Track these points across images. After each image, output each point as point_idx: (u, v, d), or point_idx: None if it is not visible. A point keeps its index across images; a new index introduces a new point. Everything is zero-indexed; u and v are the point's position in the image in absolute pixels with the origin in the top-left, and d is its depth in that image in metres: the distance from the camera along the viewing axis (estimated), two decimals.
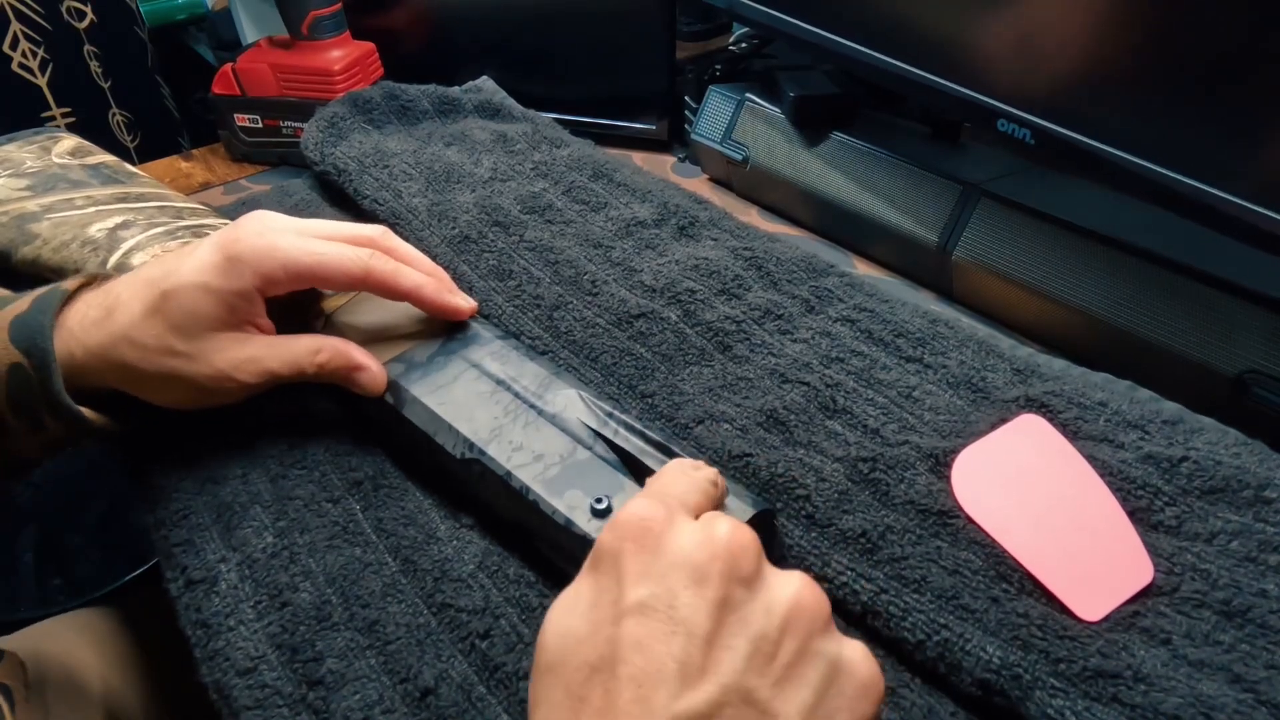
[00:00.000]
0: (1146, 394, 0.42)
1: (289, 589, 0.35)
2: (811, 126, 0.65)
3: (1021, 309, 0.54)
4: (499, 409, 0.39)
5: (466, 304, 0.43)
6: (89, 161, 0.59)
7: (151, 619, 0.55)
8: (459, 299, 0.43)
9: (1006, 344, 0.46)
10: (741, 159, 0.68)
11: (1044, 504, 0.36)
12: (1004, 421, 0.40)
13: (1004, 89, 0.51)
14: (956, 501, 0.36)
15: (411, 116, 0.69)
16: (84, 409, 0.37)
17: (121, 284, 0.38)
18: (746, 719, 0.24)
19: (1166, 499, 0.36)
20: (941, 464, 0.38)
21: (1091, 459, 0.38)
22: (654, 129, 0.78)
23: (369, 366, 0.40)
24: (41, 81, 1.04)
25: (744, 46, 0.85)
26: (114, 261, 0.49)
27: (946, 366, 0.44)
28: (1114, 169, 0.46)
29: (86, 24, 1.06)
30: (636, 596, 0.25)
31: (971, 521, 0.36)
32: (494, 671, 0.32)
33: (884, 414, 0.42)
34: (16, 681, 0.43)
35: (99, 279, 0.40)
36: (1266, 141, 0.41)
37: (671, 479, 0.30)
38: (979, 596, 0.33)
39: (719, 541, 0.26)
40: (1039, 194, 0.54)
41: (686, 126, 0.77)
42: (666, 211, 0.57)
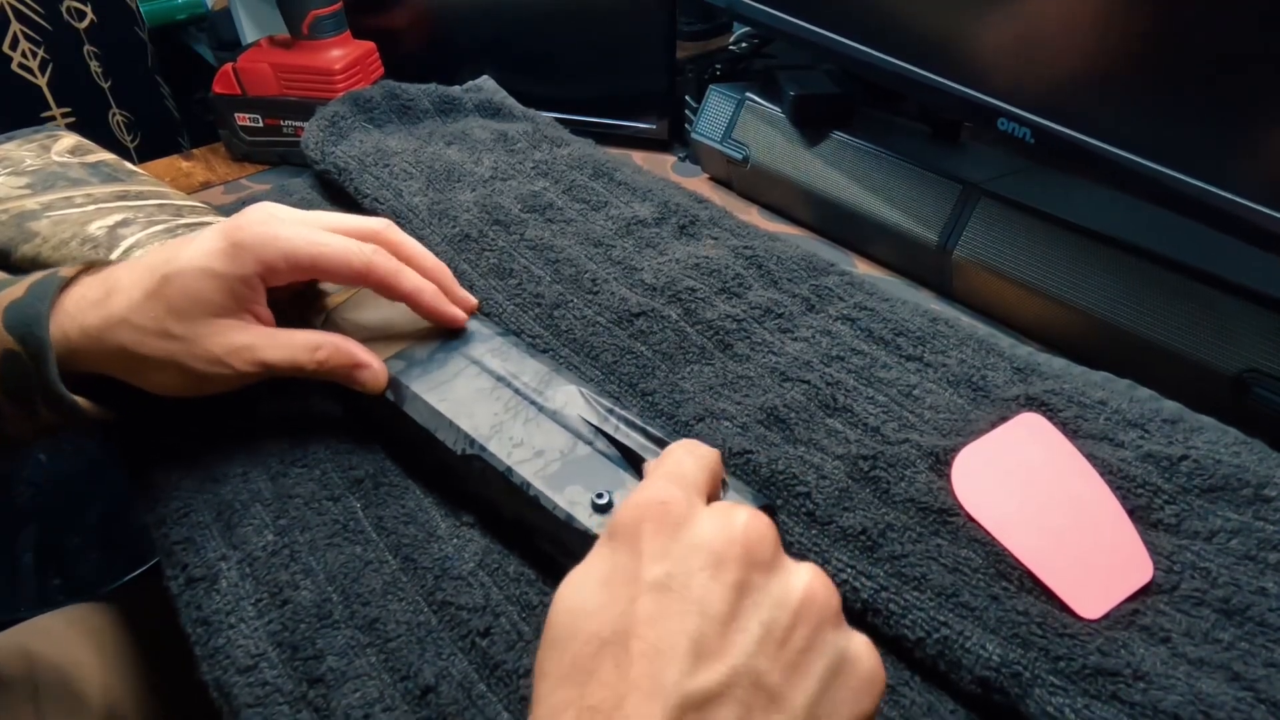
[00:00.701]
0: (1146, 393, 0.42)
1: (289, 587, 0.35)
2: (811, 126, 0.65)
3: (1021, 308, 0.54)
4: (499, 405, 0.39)
5: (462, 315, 0.43)
6: (88, 159, 0.59)
7: (151, 616, 0.55)
8: (455, 309, 0.42)
9: (1006, 343, 0.46)
10: (742, 158, 0.68)
11: (1044, 502, 0.36)
12: (1004, 420, 0.40)
13: (1004, 88, 0.51)
14: (956, 499, 0.36)
15: (412, 116, 0.69)
16: (79, 398, 0.37)
17: (122, 269, 0.38)
18: (755, 702, 0.24)
19: (1166, 497, 0.36)
20: (942, 462, 0.38)
21: (1091, 457, 0.38)
22: (654, 128, 0.78)
23: (370, 364, 0.40)
24: (41, 81, 1.04)
25: (744, 46, 0.85)
26: (114, 259, 0.49)
27: (946, 365, 0.44)
28: (1114, 168, 0.46)
29: (86, 24, 1.06)
30: (654, 574, 0.25)
31: (971, 519, 0.36)
32: (494, 669, 0.32)
33: (884, 412, 0.42)
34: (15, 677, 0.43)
35: (98, 265, 0.40)
36: (1267, 140, 0.41)
37: (679, 460, 0.30)
38: (979, 594, 0.33)
39: (737, 527, 0.26)
40: (1039, 193, 0.54)
41: (687, 126, 0.77)
42: (667, 210, 0.57)
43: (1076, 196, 0.54)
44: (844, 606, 0.34)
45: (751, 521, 0.27)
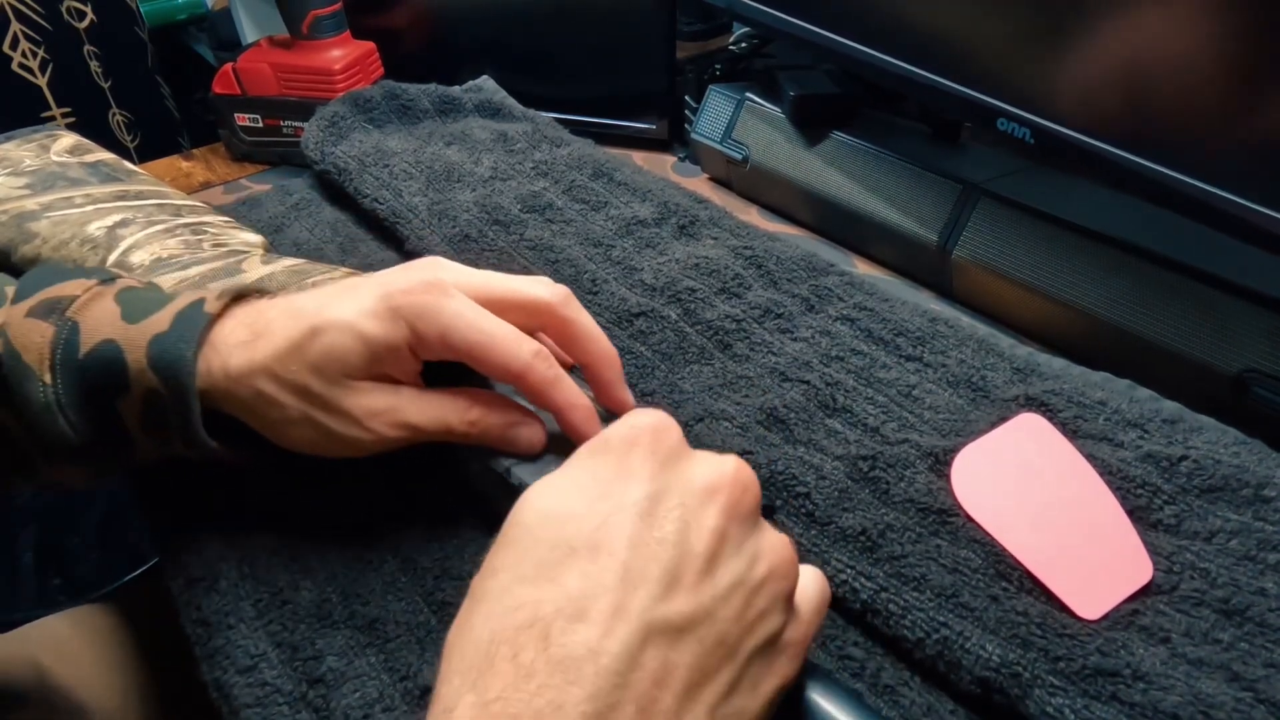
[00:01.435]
0: (1146, 393, 0.42)
1: (289, 587, 0.35)
2: (811, 126, 0.65)
3: (1021, 308, 0.54)
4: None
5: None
6: (88, 159, 0.59)
7: (151, 616, 0.55)
8: (596, 428, 0.36)
9: (1006, 343, 0.46)
10: (741, 158, 0.68)
11: (1043, 503, 0.36)
12: (1003, 420, 0.40)
13: (1004, 88, 0.51)
14: (956, 500, 0.36)
15: (412, 116, 0.69)
16: (216, 443, 0.35)
17: (275, 309, 0.35)
18: (711, 647, 0.24)
19: (1166, 498, 0.36)
20: (941, 462, 0.38)
21: (1091, 458, 0.38)
22: (654, 128, 0.78)
23: (528, 420, 0.36)
24: (41, 81, 1.04)
25: (744, 46, 0.85)
26: (113, 260, 0.49)
27: (946, 365, 0.44)
28: (1114, 168, 0.46)
29: (86, 24, 1.06)
30: (639, 494, 0.25)
31: (971, 520, 0.36)
32: None
33: (884, 412, 0.42)
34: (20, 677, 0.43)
35: (248, 295, 0.37)
36: (1267, 139, 0.41)
37: (662, 414, 0.30)
38: (978, 595, 0.33)
39: (728, 473, 0.26)
40: (1039, 193, 0.54)
41: (686, 126, 0.77)
42: (667, 210, 0.57)
43: (1076, 196, 0.54)
44: (843, 607, 0.34)
45: (740, 469, 0.27)
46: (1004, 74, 0.51)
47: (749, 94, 0.68)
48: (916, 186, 0.58)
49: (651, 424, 0.27)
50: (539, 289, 0.36)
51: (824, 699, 0.28)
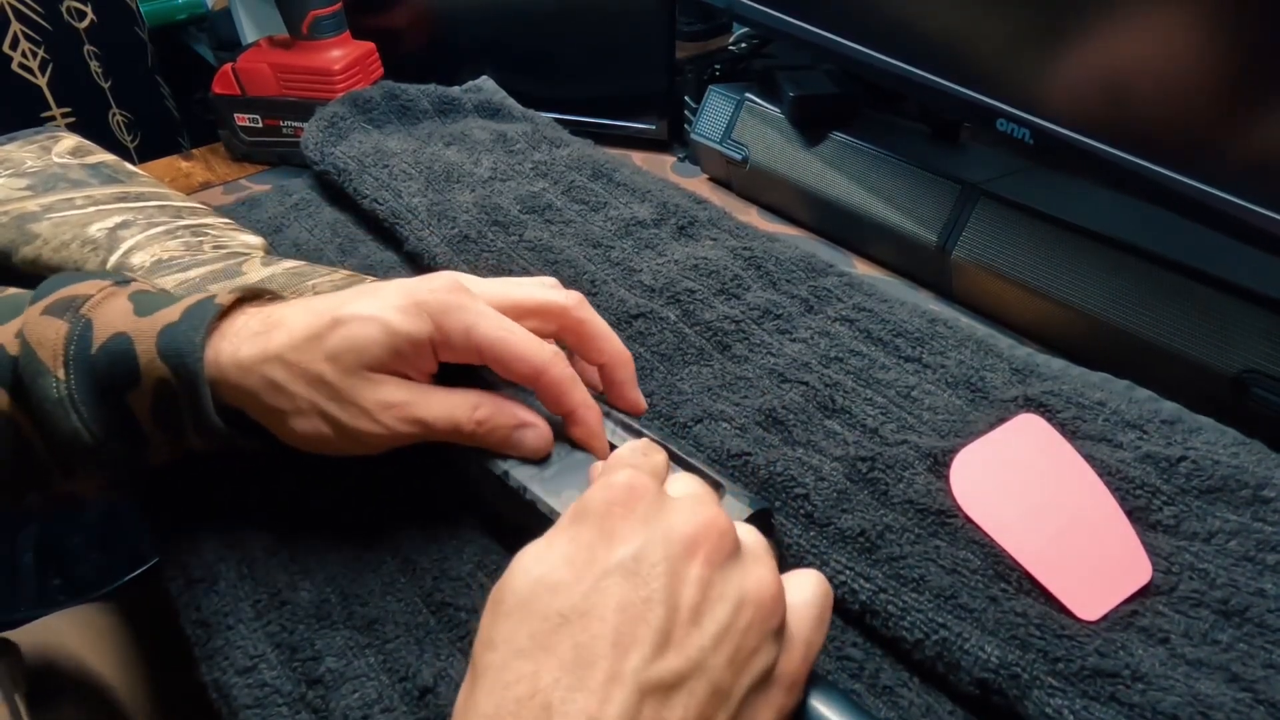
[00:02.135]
0: (1145, 393, 0.42)
1: (288, 588, 0.35)
2: (811, 126, 0.65)
3: (1020, 309, 0.54)
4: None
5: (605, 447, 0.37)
6: (89, 161, 0.59)
7: (151, 617, 0.55)
8: (605, 442, 0.37)
9: (1005, 343, 0.46)
10: (741, 159, 0.68)
11: (1042, 503, 0.36)
12: (1002, 421, 0.40)
13: (1004, 88, 0.51)
14: (955, 501, 0.36)
15: (411, 116, 0.69)
16: (231, 429, 0.35)
17: (290, 306, 0.36)
18: (706, 696, 0.24)
19: (1165, 498, 0.36)
20: (940, 463, 0.38)
21: (1090, 458, 0.38)
22: (654, 129, 0.78)
23: (535, 423, 0.36)
24: (41, 81, 1.04)
25: (744, 46, 0.85)
26: (114, 262, 0.49)
27: (945, 366, 0.44)
28: (1114, 168, 0.46)
29: (86, 24, 1.06)
30: (624, 556, 0.25)
31: (970, 521, 0.36)
32: None
33: (883, 413, 0.42)
34: (20, 676, 0.43)
35: (264, 296, 0.38)
36: (1266, 140, 0.41)
37: (637, 454, 0.31)
38: (977, 596, 0.33)
39: (705, 520, 0.27)
40: (1039, 194, 0.54)
41: (686, 126, 0.77)
42: (666, 211, 0.57)
43: (1076, 197, 0.54)
44: (842, 608, 0.34)
45: (718, 515, 0.27)
46: (1004, 74, 0.51)
47: (749, 94, 0.68)
48: (916, 187, 0.58)
49: (626, 482, 0.27)
50: (554, 294, 0.37)
51: (824, 706, 0.28)
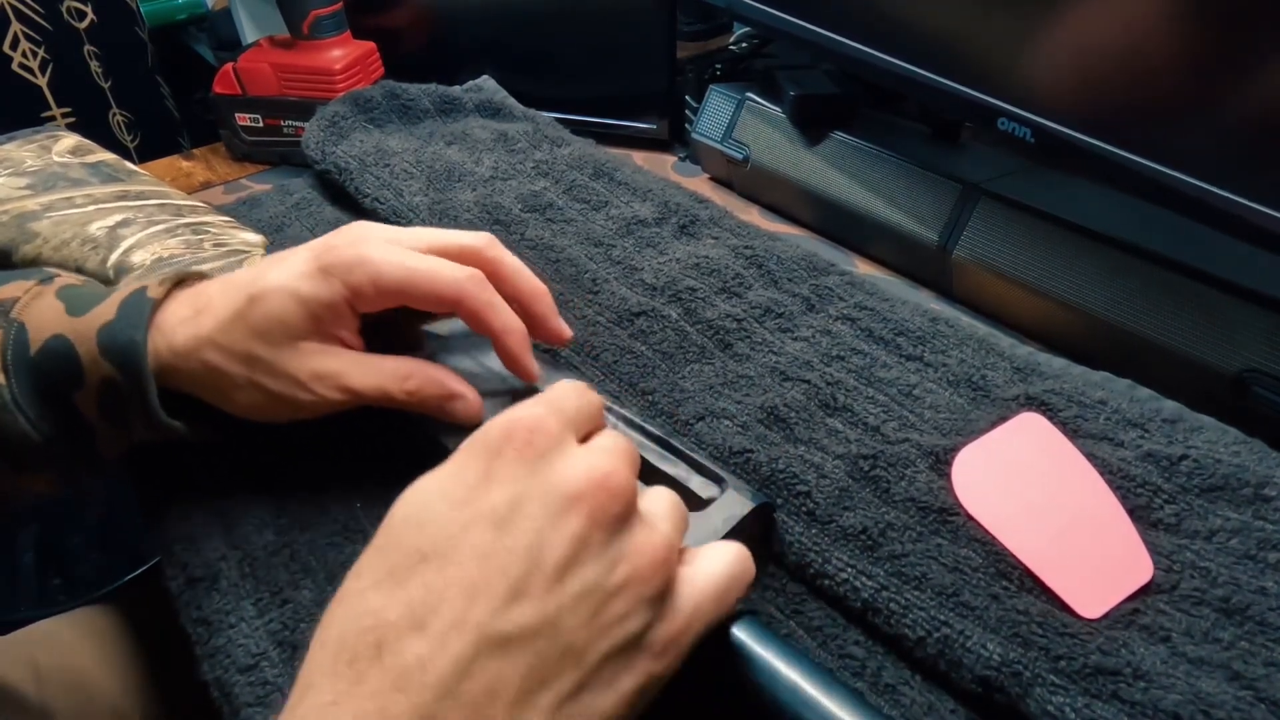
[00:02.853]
0: (1146, 392, 0.42)
1: (290, 586, 0.35)
2: (812, 126, 0.65)
3: (1021, 308, 0.54)
4: (497, 403, 0.39)
5: (537, 373, 0.39)
6: (89, 160, 0.59)
7: (152, 617, 0.55)
8: (533, 365, 0.38)
9: (1006, 342, 0.46)
10: (742, 158, 0.68)
11: (1044, 502, 0.36)
12: (1004, 419, 0.40)
13: (1004, 88, 0.51)
14: (956, 499, 0.36)
15: (412, 116, 0.69)
16: (177, 422, 0.36)
17: (215, 285, 0.37)
18: (551, 655, 0.24)
19: (1166, 497, 0.36)
20: (942, 461, 0.38)
21: (1091, 457, 0.38)
22: (655, 128, 0.78)
23: (464, 394, 0.37)
24: (41, 81, 1.04)
25: (744, 46, 0.85)
26: (114, 260, 0.49)
27: (946, 365, 0.44)
28: (1114, 168, 0.46)
29: (86, 24, 1.06)
30: (498, 502, 0.25)
31: (971, 519, 0.36)
32: None
33: (884, 412, 0.42)
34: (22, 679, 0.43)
35: (190, 279, 0.38)
36: (1267, 139, 0.41)
37: (564, 394, 0.29)
38: (979, 594, 0.33)
39: (598, 474, 0.26)
40: (1039, 193, 0.54)
41: (687, 126, 0.77)
42: (667, 210, 0.57)
43: (1076, 196, 0.54)
44: (844, 606, 0.34)
45: (614, 473, 0.26)
46: (1004, 74, 0.51)
47: (749, 94, 0.68)
48: (916, 186, 0.58)
49: (529, 420, 0.27)
50: (464, 236, 0.38)
51: (746, 635, 0.28)
